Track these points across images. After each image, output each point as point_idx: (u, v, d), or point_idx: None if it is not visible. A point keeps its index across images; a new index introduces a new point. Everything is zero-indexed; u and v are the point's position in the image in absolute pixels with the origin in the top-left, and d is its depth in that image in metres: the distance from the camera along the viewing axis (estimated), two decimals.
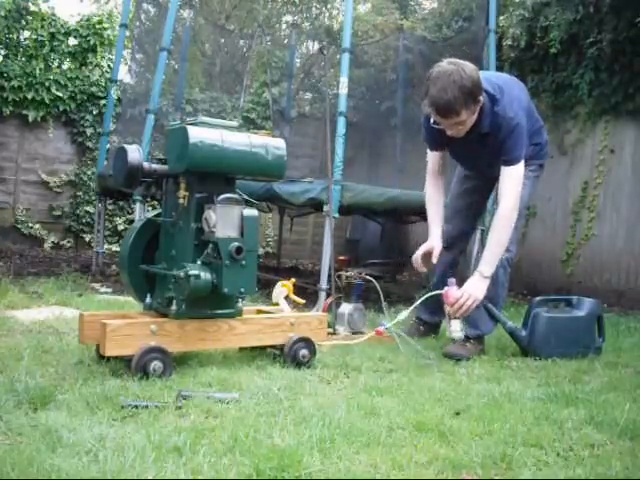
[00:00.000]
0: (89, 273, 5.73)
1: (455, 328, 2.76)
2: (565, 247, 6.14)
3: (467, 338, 3.04)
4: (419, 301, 3.00)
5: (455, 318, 2.75)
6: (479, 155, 3.04)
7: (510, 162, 2.87)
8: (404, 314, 2.95)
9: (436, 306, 3.18)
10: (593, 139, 6.22)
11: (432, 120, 2.84)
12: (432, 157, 3.15)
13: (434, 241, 3.03)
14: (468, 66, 2.70)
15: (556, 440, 1.82)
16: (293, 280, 3.31)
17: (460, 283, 2.87)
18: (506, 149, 2.85)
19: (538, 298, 3.28)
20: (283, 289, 3.21)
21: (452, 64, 2.69)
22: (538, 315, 3.13)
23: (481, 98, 2.74)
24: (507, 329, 3.14)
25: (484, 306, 3.08)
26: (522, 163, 2.88)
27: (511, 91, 2.91)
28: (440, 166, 3.16)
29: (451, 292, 2.83)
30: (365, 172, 8.43)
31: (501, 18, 5.65)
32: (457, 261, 3.41)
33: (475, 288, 2.83)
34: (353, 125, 6.02)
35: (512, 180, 2.87)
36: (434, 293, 2.97)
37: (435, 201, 3.15)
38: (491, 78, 2.91)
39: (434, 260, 2.99)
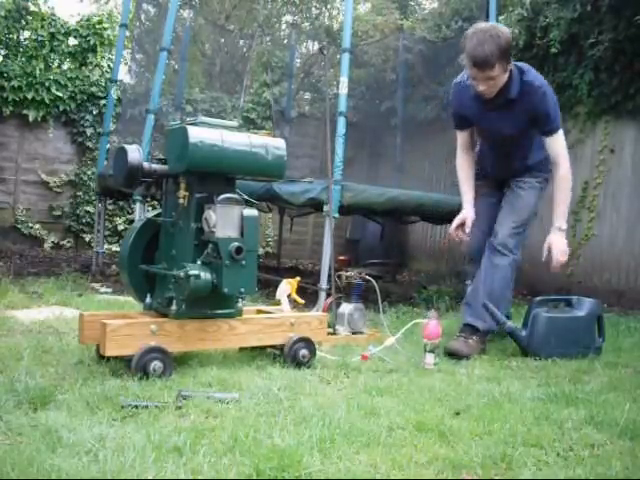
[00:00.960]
0: (89, 273, 5.73)
1: (429, 361, 2.75)
2: None
3: (473, 332, 3.13)
4: (405, 328, 3.02)
5: (430, 351, 2.75)
6: (502, 128, 3.16)
7: (551, 131, 3.08)
8: (391, 340, 2.94)
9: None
10: (593, 139, 6.21)
11: (466, 77, 3.08)
12: (460, 136, 3.34)
13: (467, 212, 3.22)
14: (503, 27, 2.97)
15: (556, 440, 1.82)
16: (298, 279, 3.31)
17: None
18: (543, 119, 3.05)
19: (538, 298, 3.28)
20: (287, 287, 3.22)
21: (488, 24, 3.00)
22: (538, 315, 3.13)
23: (511, 60, 2.95)
24: (507, 329, 3.14)
25: (484, 305, 3.09)
26: (561, 132, 3.10)
27: (535, 71, 3.12)
28: (469, 142, 3.34)
29: (430, 325, 2.80)
30: (365, 172, 8.44)
31: (500, 18, 5.64)
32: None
33: (562, 241, 3.08)
34: (353, 125, 6.02)
35: (560, 145, 3.09)
36: (417, 321, 3.05)
37: (466, 174, 3.33)
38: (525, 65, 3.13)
39: (467, 230, 3.17)
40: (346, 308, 3.37)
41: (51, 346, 2.65)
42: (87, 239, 8.17)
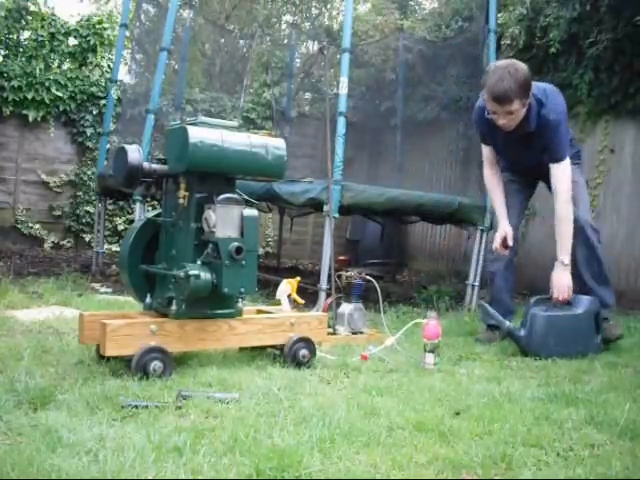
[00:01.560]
0: (89, 273, 5.73)
1: (429, 361, 2.74)
2: None
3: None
4: (405, 327, 3.01)
5: (430, 351, 2.74)
6: (522, 154, 3.31)
7: (557, 160, 3.17)
8: (391, 340, 2.94)
9: (499, 311, 3.28)
10: (593, 139, 6.21)
11: (486, 112, 3.15)
12: (485, 150, 3.45)
13: (505, 227, 3.32)
14: (521, 64, 3.07)
15: (556, 440, 1.82)
16: (298, 279, 3.31)
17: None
18: (553, 149, 3.17)
19: (535, 297, 3.28)
20: (287, 287, 3.22)
21: (507, 61, 3.14)
22: (536, 315, 3.12)
23: (531, 95, 3.05)
24: (505, 329, 3.14)
25: (481, 305, 3.12)
26: (568, 161, 3.18)
27: (555, 97, 3.21)
28: (494, 156, 3.44)
29: (430, 325, 2.79)
30: (365, 172, 8.43)
31: (498, 15, 5.63)
32: (513, 263, 3.54)
33: (563, 277, 3.14)
34: (353, 125, 6.02)
35: (562, 177, 3.16)
36: (417, 321, 3.03)
37: (497, 189, 3.43)
38: (538, 84, 3.22)
39: (510, 243, 3.29)
40: (346, 308, 3.37)
41: (51, 346, 2.65)
42: (87, 239, 8.17)
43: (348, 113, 4.27)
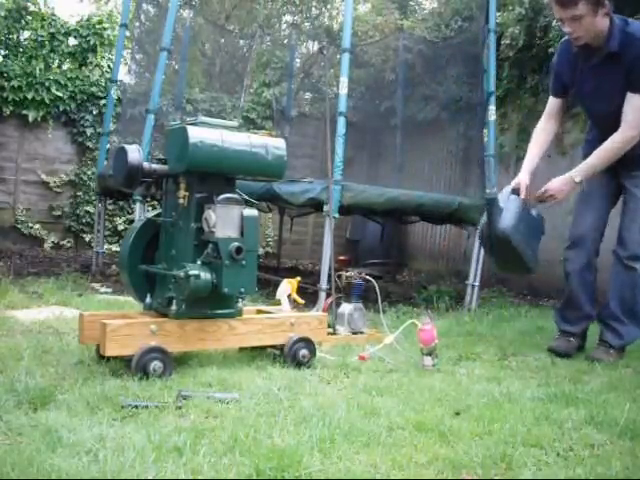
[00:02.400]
0: (89, 273, 5.73)
1: (427, 363, 2.72)
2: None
3: (610, 346, 3.06)
4: (404, 326, 2.95)
5: (427, 354, 2.73)
6: (605, 92, 2.93)
7: (636, 88, 2.79)
8: (390, 339, 2.93)
9: (574, 315, 3.14)
10: None
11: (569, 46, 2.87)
12: (551, 103, 3.17)
13: (521, 176, 3.07)
14: None
15: (556, 440, 1.82)
16: (298, 279, 3.31)
17: None
18: (635, 74, 2.78)
19: (510, 187, 3.11)
20: (288, 287, 3.22)
21: None
22: (515, 199, 3.00)
23: (607, 3, 2.76)
24: (487, 196, 3.06)
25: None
26: None
27: None
28: (557, 112, 3.15)
29: (425, 331, 2.72)
30: (365, 172, 8.44)
31: (497, 15, 5.62)
32: (592, 264, 3.15)
33: (560, 184, 2.88)
34: (353, 125, 6.02)
35: (635, 110, 2.79)
36: (413, 321, 2.92)
37: (537, 140, 3.17)
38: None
39: (522, 195, 3.00)
40: (346, 308, 3.37)
41: (51, 346, 2.65)
42: (87, 239, 8.17)
43: (348, 113, 4.27)
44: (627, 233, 2.99)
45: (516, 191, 3.05)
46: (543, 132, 3.17)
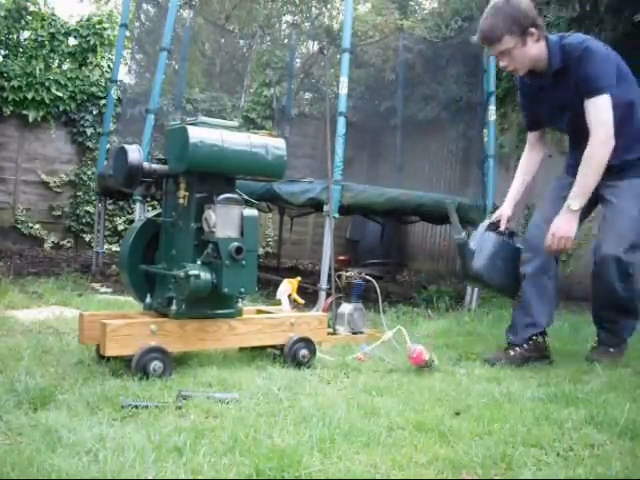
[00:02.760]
0: (89, 273, 5.73)
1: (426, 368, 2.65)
2: None
3: (609, 346, 2.96)
4: (384, 338, 2.92)
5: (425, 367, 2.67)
6: (568, 110, 2.84)
7: (591, 93, 2.67)
8: (388, 335, 2.93)
9: (522, 321, 2.93)
10: None
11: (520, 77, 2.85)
12: (529, 136, 3.14)
13: (503, 208, 3.07)
14: None
15: (556, 440, 1.81)
16: (299, 279, 3.31)
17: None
18: (583, 80, 2.68)
19: (487, 222, 3.11)
20: (288, 286, 3.22)
21: None
22: (489, 235, 2.97)
23: (533, 30, 2.70)
24: (458, 241, 2.97)
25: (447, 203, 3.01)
26: (607, 98, 2.65)
27: (584, 36, 2.79)
28: (537, 142, 3.10)
29: (414, 355, 2.64)
30: (365, 172, 8.44)
31: None
32: (548, 269, 2.92)
33: (564, 223, 2.70)
34: (353, 125, 6.02)
35: (597, 111, 2.67)
36: (399, 327, 2.88)
37: (521, 171, 3.13)
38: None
39: (502, 227, 2.98)
40: (346, 308, 3.37)
41: (51, 346, 2.65)
42: (87, 239, 8.17)
43: (348, 113, 4.27)
44: (604, 237, 2.83)
45: (494, 225, 3.03)
46: (528, 162, 3.12)
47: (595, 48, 2.71)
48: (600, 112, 2.67)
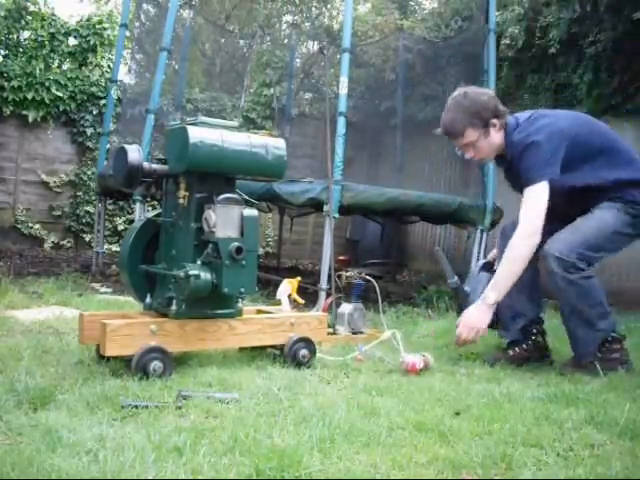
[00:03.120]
0: (89, 273, 5.73)
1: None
2: None
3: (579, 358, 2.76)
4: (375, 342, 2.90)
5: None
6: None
7: (526, 182, 2.66)
8: (386, 335, 2.93)
9: (507, 314, 2.87)
10: None
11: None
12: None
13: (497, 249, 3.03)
14: (475, 89, 2.75)
15: (556, 440, 1.81)
16: (299, 279, 3.31)
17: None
18: (523, 169, 2.68)
19: (481, 262, 3.13)
20: (288, 286, 3.22)
21: (462, 88, 2.77)
22: (483, 277, 2.95)
23: (495, 121, 2.71)
24: (451, 285, 3.01)
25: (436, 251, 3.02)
26: (541, 185, 2.62)
27: (547, 119, 2.75)
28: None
29: (409, 370, 2.61)
30: (365, 172, 8.44)
31: (496, 14, 5.62)
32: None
33: (476, 314, 2.67)
34: (353, 125, 6.02)
35: (527, 200, 2.65)
36: (392, 331, 2.90)
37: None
38: (537, 113, 2.82)
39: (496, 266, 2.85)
40: (346, 308, 3.37)
41: (51, 346, 2.65)
42: (87, 239, 8.18)
43: (348, 113, 4.27)
44: (560, 235, 2.70)
45: (489, 264, 3.02)
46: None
47: (539, 140, 2.64)
48: (529, 202, 2.64)
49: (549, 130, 2.69)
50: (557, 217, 2.70)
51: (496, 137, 2.76)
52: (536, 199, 2.64)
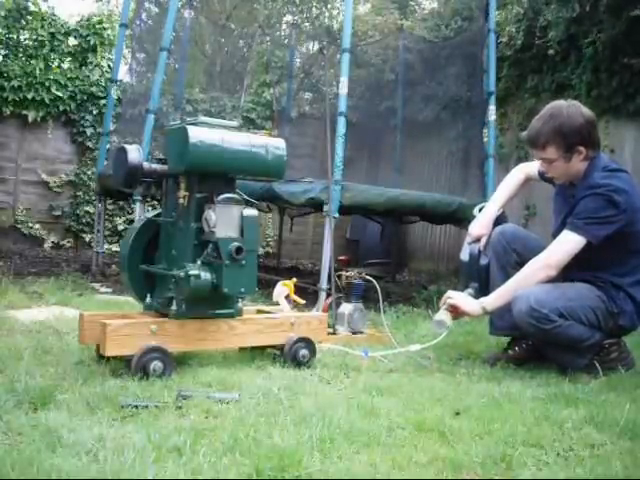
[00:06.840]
0: (89, 273, 5.73)
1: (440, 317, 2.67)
2: None
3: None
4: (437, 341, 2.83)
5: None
6: (557, 217, 2.83)
7: (570, 223, 2.60)
8: (415, 347, 2.83)
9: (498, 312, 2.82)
10: None
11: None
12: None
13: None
14: (577, 109, 2.61)
15: (556, 440, 1.81)
16: (294, 280, 3.31)
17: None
18: (577, 209, 2.60)
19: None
20: (284, 288, 3.21)
21: (567, 102, 2.66)
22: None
23: (582, 149, 2.60)
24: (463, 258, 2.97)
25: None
26: (580, 240, 2.56)
27: (630, 179, 2.66)
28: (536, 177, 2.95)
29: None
30: (365, 172, 8.43)
31: (495, 13, 5.62)
32: (503, 257, 2.92)
33: (471, 306, 2.70)
34: (353, 125, 6.02)
35: (560, 241, 2.62)
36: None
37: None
38: (628, 175, 2.70)
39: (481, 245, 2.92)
40: (346, 308, 3.37)
41: (51, 346, 2.65)
42: (87, 239, 8.17)
43: (348, 113, 4.27)
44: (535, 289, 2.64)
45: (502, 217, 2.99)
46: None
47: (616, 200, 2.55)
48: (564, 244, 2.60)
49: (630, 201, 2.60)
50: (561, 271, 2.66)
51: (577, 165, 2.65)
52: (569, 248, 2.60)
